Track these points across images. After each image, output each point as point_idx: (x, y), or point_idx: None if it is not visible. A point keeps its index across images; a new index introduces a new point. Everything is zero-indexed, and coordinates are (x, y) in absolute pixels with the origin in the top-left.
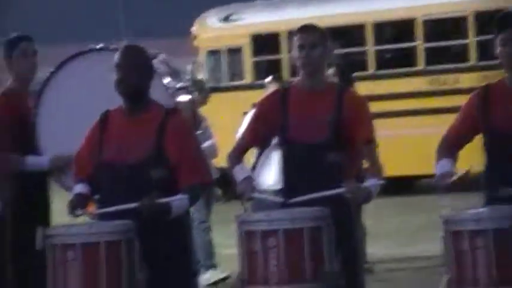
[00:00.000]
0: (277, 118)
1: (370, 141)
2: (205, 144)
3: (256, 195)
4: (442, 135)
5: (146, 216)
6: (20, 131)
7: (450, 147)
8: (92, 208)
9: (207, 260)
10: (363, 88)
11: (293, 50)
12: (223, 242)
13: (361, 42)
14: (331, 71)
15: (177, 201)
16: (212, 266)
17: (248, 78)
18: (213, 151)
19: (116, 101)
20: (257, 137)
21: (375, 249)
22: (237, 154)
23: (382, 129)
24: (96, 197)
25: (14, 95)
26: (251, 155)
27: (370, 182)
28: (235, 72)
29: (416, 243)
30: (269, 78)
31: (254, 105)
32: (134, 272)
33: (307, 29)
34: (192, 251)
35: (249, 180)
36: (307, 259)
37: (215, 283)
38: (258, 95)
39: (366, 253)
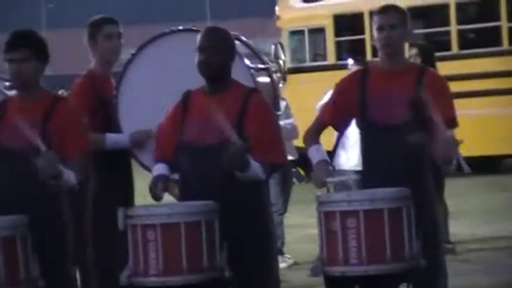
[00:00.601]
0: (355, 98)
1: (451, 122)
2: (284, 124)
3: (330, 179)
4: None
5: (228, 167)
6: (102, 112)
7: None
8: (174, 189)
9: None
10: (446, 68)
11: (373, 31)
12: (305, 221)
13: (444, 22)
14: (413, 51)
15: (253, 165)
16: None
17: (331, 58)
18: (292, 131)
19: (197, 82)
20: (335, 117)
21: (457, 229)
22: (313, 134)
23: (467, 109)
24: (175, 176)
25: (97, 77)
26: (333, 136)
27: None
28: (318, 53)
29: (500, 223)
30: (352, 62)
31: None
32: (215, 252)
33: (387, 10)
34: (271, 231)
35: (324, 163)
36: (387, 240)
37: None
38: (341, 75)
39: (448, 233)
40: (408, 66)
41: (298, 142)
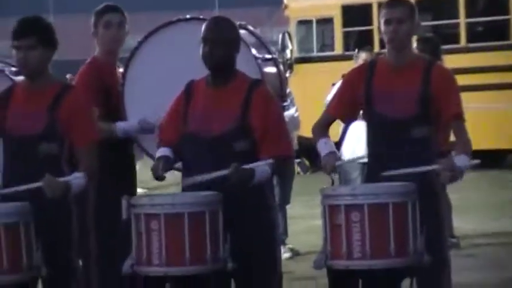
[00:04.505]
0: (361, 91)
1: (458, 116)
2: (288, 115)
3: (339, 162)
4: None
5: (233, 183)
6: (106, 100)
7: None
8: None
9: None
10: (454, 61)
11: (381, 24)
12: (309, 212)
13: (453, 14)
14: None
15: (260, 167)
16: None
17: (338, 49)
18: (296, 123)
19: (203, 71)
20: (342, 110)
21: (462, 223)
22: (321, 127)
23: (473, 103)
24: (177, 165)
25: (101, 65)
26: (339, 127)
27: (461, 161)
28: (325, 43)
29: (506, 219)
30: (356, 51)
31: (343, 76)
32: (218, 243)
33: (394, 4)
34: (274, 223)
35: (333, 155)
36: (391, 235)
37: None
38: (348, 66)
39: (452, 227)
40: (415, 60)
41: (304, 132)
